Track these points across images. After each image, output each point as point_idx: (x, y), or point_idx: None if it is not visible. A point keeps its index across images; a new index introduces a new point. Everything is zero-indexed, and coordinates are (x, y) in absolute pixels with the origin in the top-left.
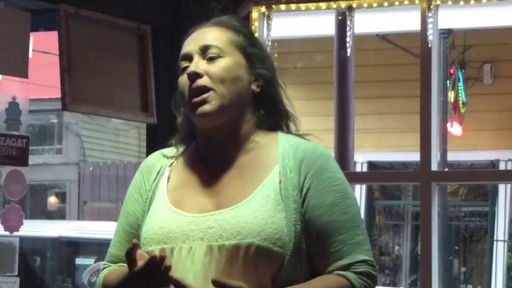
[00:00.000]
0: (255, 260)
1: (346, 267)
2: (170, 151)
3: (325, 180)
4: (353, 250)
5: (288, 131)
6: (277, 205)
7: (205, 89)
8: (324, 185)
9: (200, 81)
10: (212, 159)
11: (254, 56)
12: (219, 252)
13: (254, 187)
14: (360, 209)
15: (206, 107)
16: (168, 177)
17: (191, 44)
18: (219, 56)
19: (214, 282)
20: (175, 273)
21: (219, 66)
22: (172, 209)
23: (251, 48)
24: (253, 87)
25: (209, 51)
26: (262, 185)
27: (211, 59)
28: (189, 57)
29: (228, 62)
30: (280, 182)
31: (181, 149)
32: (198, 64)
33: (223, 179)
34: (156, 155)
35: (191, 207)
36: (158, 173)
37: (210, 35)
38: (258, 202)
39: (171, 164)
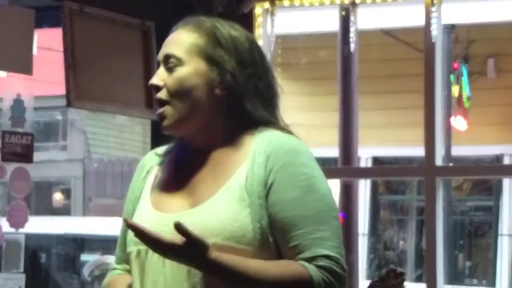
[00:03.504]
0: None
1: (307, 261)
2: (162, 149)
3: (289, 176)
4: (313, 244)
5: (274, 126)
6: (241, 201)
7: (162, 102)
8: (286, 181)
9: (159, 94)
10: (191, 159)
11: (220, 60)
12: None
13: (222, 184)
14: (333, 205)
15: (165, 123)
16: (156, 176)
17: (161, 51)
18: (177, 65)
19: (177, 225)
20: (148, 276)
21: (174, 78)
22: (150, 209)
23: (216, 50)
24: (217, 91)
25: (169, 61)
26: (228, 182)
27: (169, 69)
28: (159, 64)
29: (184, 72)
30: (246, 178)
31: (170, 147)
32: (160, 75)
33: (199, 178)
34: (150, 153)
35: (168, 207)
36: (148, 172)
37: (173, 42)
38: (222, 200)
39: (161, 163)
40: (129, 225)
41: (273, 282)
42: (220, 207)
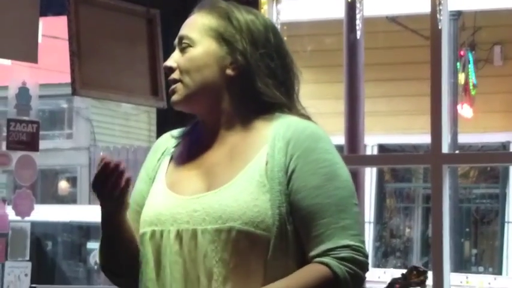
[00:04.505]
0: (238, 244)
1: (327, 252)
2: (178, 132)
3: (311, 162)
4: (336, 234)
5: (290, 111)
6: (261, 187)
7: (175, 81)
8: (309, 167)
9: (172, 75)
10: (207, 141)
11: (231, 40)
12: (202, 236)
13: (240, 169)
14: (354, 191)
15: (174, 97)
16: (171, 158)
17: (178, 33)
18: (189, 46)
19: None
20: (166, 256)
21: (186, 58)
22: (166, 191)
23: (228, 30)
24: (229, 71)
25: (183, 42)
26: (247, 167)
27: (183, 50)
28: (175, 47)
29: (195, 52)
30: (266, 163)
31: (186, 130)
32: (173, 57)
33: (214, 161)
34: (166, 135)
35: (184, 189)
36: (163, 153)
37: (188, 25)
38: (241, 184)
39: (177, 145)
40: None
41: None
42: (239, 192)
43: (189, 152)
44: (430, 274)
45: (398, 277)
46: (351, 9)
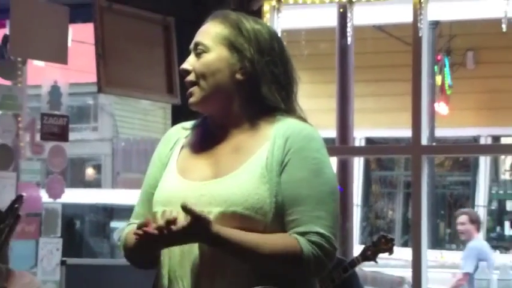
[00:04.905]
0: (238, 226)
1: (301, 235)
2: (189, 124)
3: (302, 158)
4: (310, 221)
5: (289, 113)
6: (262, 178)
7: (191, 84)
8: (299, 162)
9: (188, 77)
10: (215, 135)
11: (241, 48)
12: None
13: (244, 161)
14: (336, 190)
15: (191, 99)
16: (182, 147)
17: (194, 39)
18: (204, 52)
19: (183, 206)
20: None
21: (201, 63)
22: (177, 176)
23: (238, 39)
24: (238, 75)
25: (198, 48)
26: (250, 160)
27: (198, 55)
28: (190, 52)
29: (209, 58)
30: (267, 158)
31: (196, 123)
32: (189, 61)
33: (221, 152)
34: (177, 127)
35: (193, 175)
36: (175, 143)
37: (202, 32)
38: (244, 175)
39: (187, 136)
40: (141, 234)
41: (268, 253)
42: (243, 181)
43: (199, 143)
44: (409, 251)
45: (369, 245)
46: (343, 18)
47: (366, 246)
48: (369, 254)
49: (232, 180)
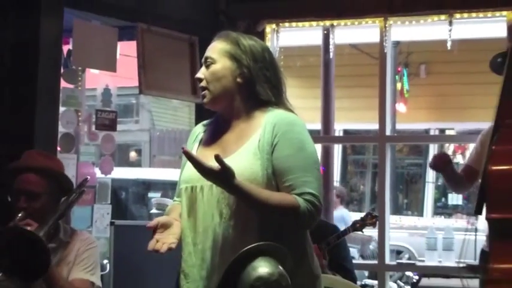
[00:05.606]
0: None
1: (297, 195)
2: (207, 122)
3: (288, 139)
4: (302, 185)
5: (279, 106)
6: (255, 156)
7: (203, 88)
8: (286, 142)
9: (201, 84)
10: (223, 128)
11: (239, 58)
12: (216, 188)
13: (243, 144)
14: (317, 160)
15: (204, 100)
16: (201, 140)
17: (204, 54)
18: (212, 63)
19: (216, 156)
20: (194, 205)
21: (210, 72)
22: None
23: (237, 51)
24: (238, 79)
25: (207, 60)
26: (247, 143)
27: (207, 66)
28: (201, 65)
29: (216, 68)
30: (259, 140)
31: (211, 121)
32: (201, 71)
33: (227, 139)
34: (199, 125)
35: (206, 157)
36: (196, 137)
37: (211, 48)
38: (242, 154)
39: (205, 131)
40: (186, 153)
41: (276, 205)
42: (241, 159)
43: (211, 137)
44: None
45: (358, 219)
46: (326, 38)
47: (355, 221)
48: (358, 226)
49: (234, 158)
